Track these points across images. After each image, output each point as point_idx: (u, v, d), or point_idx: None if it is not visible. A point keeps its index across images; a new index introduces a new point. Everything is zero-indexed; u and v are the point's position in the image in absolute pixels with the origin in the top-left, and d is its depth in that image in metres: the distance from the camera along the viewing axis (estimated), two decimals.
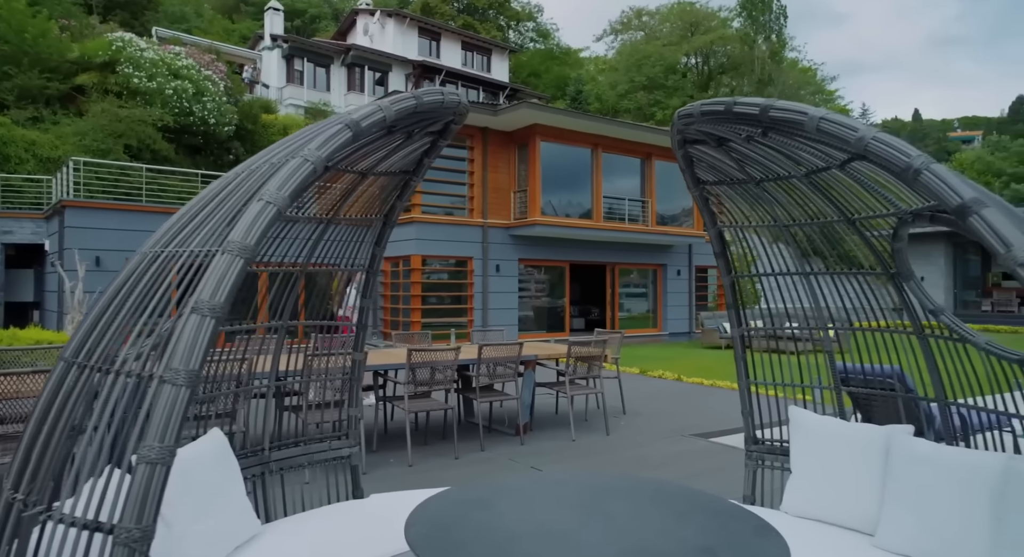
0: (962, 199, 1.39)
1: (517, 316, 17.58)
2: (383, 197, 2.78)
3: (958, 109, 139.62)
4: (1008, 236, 1.33)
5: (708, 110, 1.95)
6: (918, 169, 1.45)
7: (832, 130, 1.60)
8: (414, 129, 2.25)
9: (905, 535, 2.36)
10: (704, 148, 2.35)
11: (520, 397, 6.01)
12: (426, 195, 16.38)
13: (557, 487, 2.37)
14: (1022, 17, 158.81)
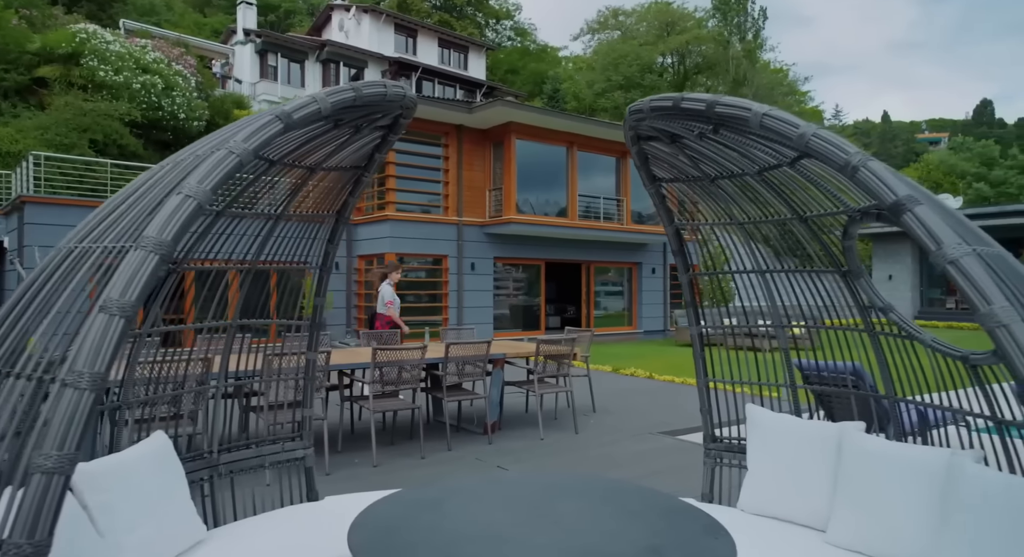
0: (896, 196, 1.38)
1: (492, 314, 17.54)
2: (335, 193, 2.72)
3: (925, 111, 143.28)
4: (939, 233, 1.33)
5: (657, 105, 1.93)
6: (856, 166, 1.44)
7: (775, 126, 1.59)
8: (362, 123, 2.20)
9: (854, 531, 2.38)
10: (658, 145, 2.33)
11: (488, 396, 5.97)
12: (401, 193, 16.27)
13: (510, 488, 2.34)
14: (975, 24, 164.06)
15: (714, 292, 3.14)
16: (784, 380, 2.96)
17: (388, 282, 8.32)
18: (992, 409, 2.06)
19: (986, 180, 36.33)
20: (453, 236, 16.98)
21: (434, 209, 16.97)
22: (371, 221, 16.50)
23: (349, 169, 2.59)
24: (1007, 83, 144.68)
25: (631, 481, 4.61)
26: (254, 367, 3.03)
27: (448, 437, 5.60)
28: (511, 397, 7.58)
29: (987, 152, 38.05)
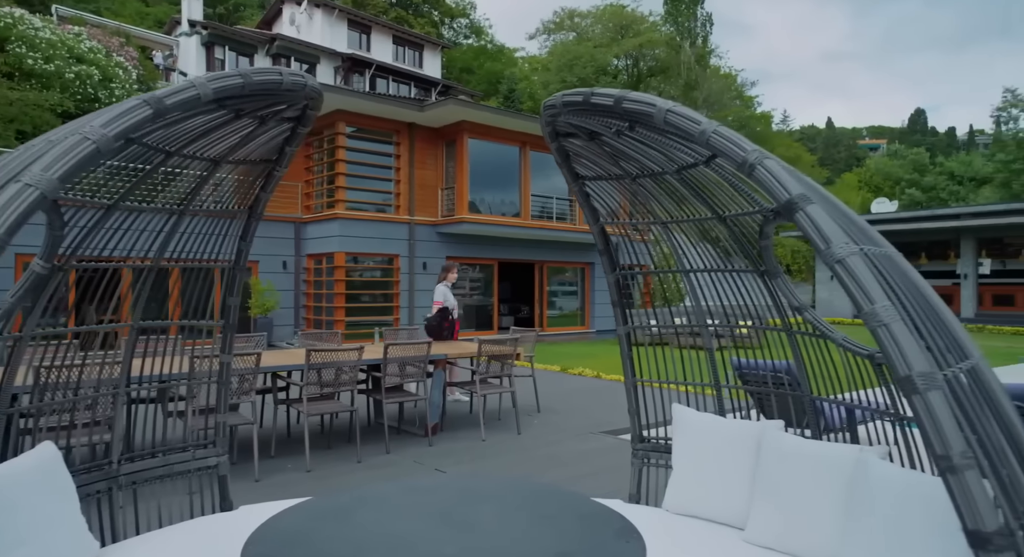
0: (790, 194, 1.37)
1: None
2: (246, 188, 2.59)
3: (865, 118, 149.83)
4: (828, 233, 1.32)
5: (569, 100, 1.90)
6: (753, 164, 1.43)
7: (678, 123, 1.57)
8: (266, 114, 2.09)
9: (770, 528, 2.40)
10: (577, 142, 2.30)
11: (429, 397, 5.88)
12: (351, 191, 15.97)
13: (425, 494, 2.27)
14: (902, 38, 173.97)
15: (664, 291, 3.14)
16: (723, 379, 2.97)
17: (445, 283, 7.95)
18: (894, 405, 2.10)
19: (918, 186, 38.05)
20: (405, 235, 16.78)
21: (385, 208, 16.73)
22: (320, 220, 16.15)
23: (259, 163, 2.47)
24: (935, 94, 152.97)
25: (571, 480, 4.60)
26: (161, 371, 2.86)
27: (387, 440, 5.48)
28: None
29: (919, 159, 39.87)
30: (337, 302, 15.56)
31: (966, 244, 22.91)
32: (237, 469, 4.75)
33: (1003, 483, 1.25)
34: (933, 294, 1.56)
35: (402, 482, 2.45)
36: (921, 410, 1.19)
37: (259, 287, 15.40)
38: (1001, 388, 1.45)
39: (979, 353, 1.48)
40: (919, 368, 1.21)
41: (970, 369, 1.39)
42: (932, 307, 1.48)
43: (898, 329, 1.24)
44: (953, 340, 1.45)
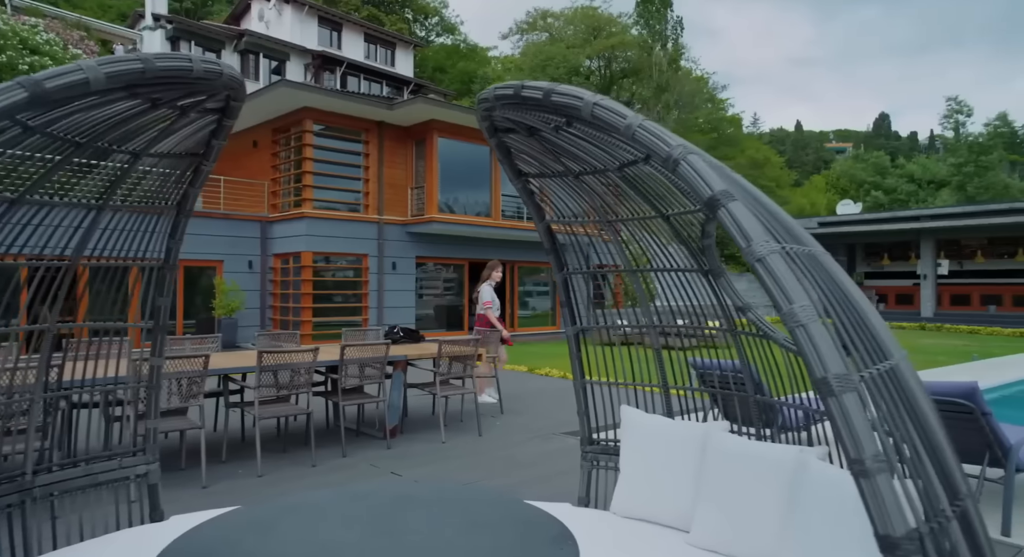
0: (712, 191, 1.33)
1: (414, 315, 17.25)
2: (172, 183, 2.48)
3: (832, 122, 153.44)
4: (749, 231, 1.28)
5: (501, 94, 1.84)
6: (676, 159, 1.38)
7: (604, 116, 1.52)
8: (186, 105, 1.99)
9: (714, 531, 2.37)
10: (517, 138, 2.24)
11: (388, 399, 5.78)
12: (319, 190, 15.72)
13: (358, 501, 2.18)
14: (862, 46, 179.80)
15: (631, 292, 3.10)
16: (680, 380, 2.94)
17: (489, 283, 7.71)
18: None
19: (880, 188, 39.08)
20: (373, 235, 16.58)
21: (354, 207, 16.51)
22: (287, 219, 15.87)
23: (185, 157, 2.35)
24: (897, 99, 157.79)
25: (528, 483, 4.55)
26: (94, 374, 2.72)
27: (343, 443, 5.36)
28: (417, 399, 7.40)
29: (880, 162, 40.97)
30: (304, 302, 15.30)
31: (926, 245, 23.52)
32: (185, 475, 4.60)
33: (917, 485, 1.22)
34: (858, 294, 1.53)
35: (336, 489, 2.36)
36: (836, 413, 1.16)
37: (224, 287, 15.08)
38: (920, 388, 1.43)
39: (901, 353, 1.46)
40: (835, 370, 1.17)
41: (889, 370, 1.37)
42: (855, 307, 1.45)
43: (815, 330, 1.20)
44: (874, 341, 1.42)
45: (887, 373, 1.35)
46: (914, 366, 5.08)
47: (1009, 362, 12.28)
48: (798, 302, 1.22)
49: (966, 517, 1.30)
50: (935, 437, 1.36)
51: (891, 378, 1.37)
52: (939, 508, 1.22)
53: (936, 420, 1.40)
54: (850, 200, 31.61)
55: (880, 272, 26.34)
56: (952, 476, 1.34)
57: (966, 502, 1.32)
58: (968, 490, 1.38)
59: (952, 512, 1.27)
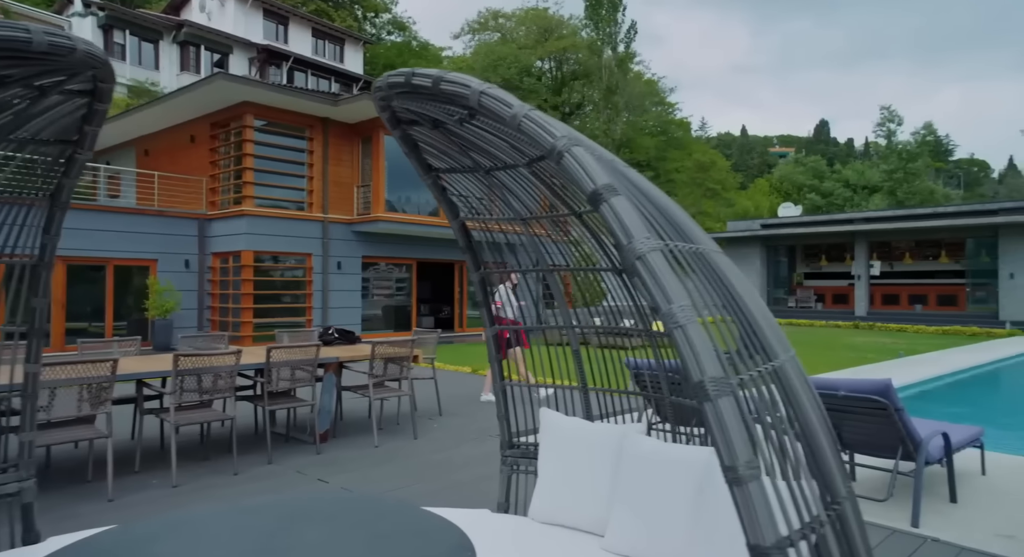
0: (595, 185, 1.27)
1: (361, 315, 16.91)
2: (41, 172, 2.28)
3: (776, 127, 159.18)
4: (631, 227, 1.23)
5: (393, 82, 1.75)
6: (561, 151, 1.32)
7: (491, 105, 1.45)
8: (44, 85, 1.81)
9: (627, 534, 2.33)
10: (422, 130, 2.15)
11: (319, 403, 5.58)
12: (259, 187, 15.22)
13: (249, 516, 2.05)
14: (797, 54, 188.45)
15: (591, 292, 3.03)
16: (621, 382, 2.89)
17: (505, 284, 7.28)
18: None
19: (818, 191, 40.72)
20: (318, 234, 16.17)
21: (298, 205, 16.06)
22: (226, 216, 15.30)
23: (54, 143, 2.16)
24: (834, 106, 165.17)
25: (456, 487, 4.46)
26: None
27: (269, 449, 5.15)
28: (355, 402, 7.21)
29: (818, 167, 42.73)
30: (245, 303, 14.80)
31: (859, 247, 24.54)
32: (91, 488, 4.32)
33: (792, 489, 1.19)
34: (749, 294, 1.50)
35: (229, 503, 2.22)
36: (711, 417, 1.11)
37: (158, 287, 14.43)
38: (806, 389, 1.41)
39: (788, 354, 1.43)
40: (711, 373, 1.13)
41: (773, 371, 1.34)
42: (741, 307, 1.42)
43: (694, 332, 1.16)
44: (760, 341, 1.39)
45: (771, 374, 1.32)
46: (845, 363, 5.28)
47: (931, 358, 12.90)
48: (677, 302, 1.18)
49: (843, 520, 1.28)
50: (816, 439, 1.34)
51: (775, 379, 1.34)
52: (813, 514, 1.19)
53: (820, 421, 1.39)
54: (791, 203, 32.74)
55: (818, 273, 27.35)
56: (831, 478, 1.32)
57: (844, 505, 1.30)
58: (849, 491, 1.36)
59: (828, 516, 1.25)
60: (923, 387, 9.98)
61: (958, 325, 20.47)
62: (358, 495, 3.54)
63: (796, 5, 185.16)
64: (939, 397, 9.84)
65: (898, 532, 3.63)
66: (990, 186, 58.85)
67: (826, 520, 1.23)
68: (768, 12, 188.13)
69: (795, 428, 1.32)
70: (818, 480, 1.31)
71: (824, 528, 1.20)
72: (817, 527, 1.19)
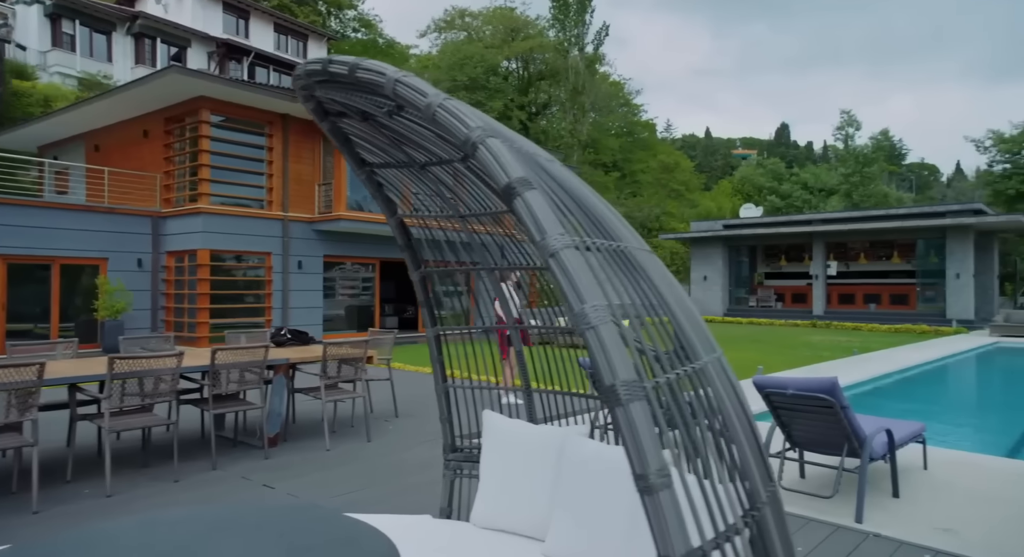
0: (508, 178, 1.21)
1: (322, 315, 16.61)
2: None
3: (739, 130, 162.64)
4: (544, 224, 1.17)
5: (311, 69, 1.66)
6: (475, 143, 1.25)
7: (405, 94, 1.38)
8: None
9: (567, 539, 2.28)
10: (352, 123, 2.06)
11: (269, 405, 5.42)
12: (216, 184, 14.81)
13: (164, 529, 1.93)
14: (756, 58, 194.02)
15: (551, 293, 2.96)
16: (577, 385, 2.84)
17: (505, 283, 6.92)
18: None
19: (777, 193, 41.71)
20: (278, 232, 15.82)
21: (256, 203, 15.68)
22: (182, 214, 14.85)
23: None
24: (794, 110, 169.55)
25: (405, 491, 4.36)
26: None
27: (213, 455, 4.97)
28: (307, 405, 7.04)
29: (777, 169, 43.76)
30: (201, 303, 14.38)
31: (817, 248, 25.15)
32: (16, 500, 4.10)
33: (706, 497, 1.14)
34: (675, 294, 1.46)
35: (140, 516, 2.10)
36: (622, 423, 1.06)
37: (108, 287, 13.91)
38: (731, 391, 1.37)
39: (712, 355, 1.39)
40: (624, 376, 1.07)
41: (694, 372, 1.29)
42: (664, 307, 1.37)
43: (606, 333, 1.10)
44: (683, 342, 1.35)
45: (691, 376, 1.28)
46: (802, 361, 5.31)
47: (883, 356, 13.28)
48: (590, 302, 1.12)
49: (761, 525, 1.25)
50: (737, 442, 1.31)
51: (696, 381, 1.30)
52: (729, 522, 1.15)
53: (743, 423, 1.35)
54: (751, 204, 33.40)
55: (778, 272, 27.94)
56: (752, 482, 1.29)
57: (763, 510, 1.27)
58: (771, 495, 1.33)
59: (746, 522, 1.21)
60: (875, 384, 10.24)
61: (909, 323, 21.15)
62: (284, 504, 3.43)
63: (752, 10, 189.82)
64: (889, 393, 10.11)
65: (842, 528, 3.67)
66: (939, 189, 61.11)
67: (743, 527, 1.19)
68: (727, 16, 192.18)
69: (715, 431, 1.28)
70: (738, 484, 1.27)
71: (740, 535, 1.16)
72: (732, 535, 1.15)
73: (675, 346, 1.34)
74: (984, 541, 3.49)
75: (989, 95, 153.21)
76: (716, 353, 1.45)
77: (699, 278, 27.78)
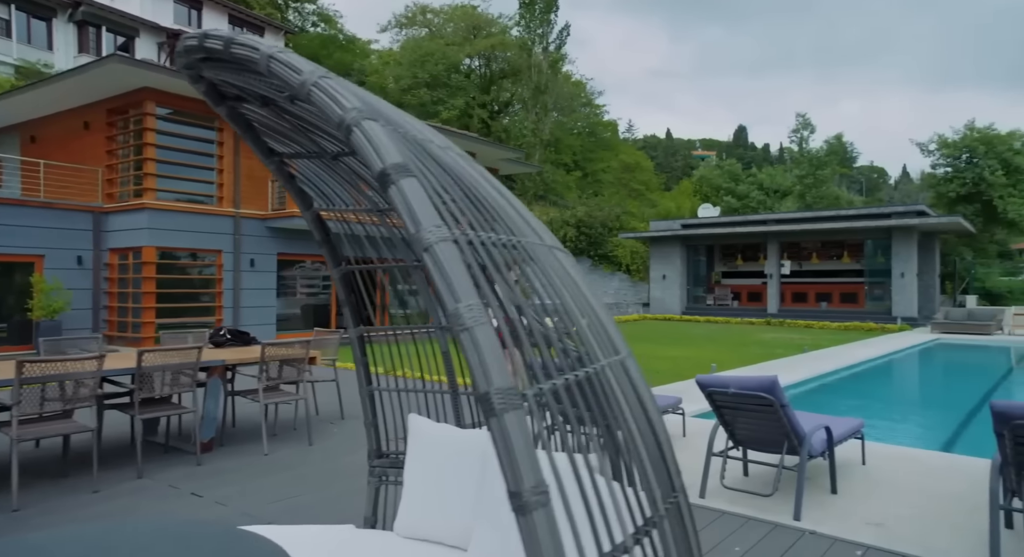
0: (383, 164, 1.09)
1: (275, 315, 16.17)
2: None
3: (699, 131, 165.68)
4: (420, 215, 1.05)
5: (188, 45, 1.52)
6: (349, 125, 1.14)
7: (279, 71, 1.25)
8: None
9: (488, 548, 2.18)
10: (253, 108, 1.92)
11: (202, 409, 5.18)
12: (163, 179, 14.24)
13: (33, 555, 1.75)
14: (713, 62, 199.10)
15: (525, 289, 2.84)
16: None
17: None
18: None
19: (733, 194, 42.62)
20: (228, 229, 15.33)
21: (207, 199, 15.16)
22: (126, 210, 14.25)
23: None
24: (752, 112, 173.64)
25: (341, 497, 4.20)
26: None
27: (139, 462, 4.71)
28: (250, 408, 6.79)
29: (734, 170, 44.73)
30: (146, 302, 13.83)
31: (772, 247, 25.71)
32: None
33: (591, 515, 1.05)
34: (571, 291, 1.37)
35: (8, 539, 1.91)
36: (496, 435, 0.96)
37: (44, 286, 13.25)
38: (631, 395, 1.29)
39: (613, 358, 1.31)
40: (499, 383, 0.97)
41: (587, 376, 1.20)
42: (565, 306, 1.28)
43: (482, 335, 1.00)
44: (584, 344, 1.26)
45: (586, 381, 1.19)
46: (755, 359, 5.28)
47: (832, 353, 13.62)
48: (465, 301, 1.01)
49: (657, 541, 1.16)
50: (636, 452, 1.22)
51: (592, 385, 1.21)
52: (617, 541, 1.06)
53: (646, 431, 1.27)
54: (709, 204, 33.97)
55: (735, 271, 28.48)
56: (650, 493, 1.21)
57: (662, 524, 1.19)
58: (674, 508, 1.25)
59: (637, 539, 1.13)
60: (823, 381, 10.47)
61: (857, 321, 21.80)
62: (176, 521, 3.25)
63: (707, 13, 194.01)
64: (836, 390, 10.35)
65: (780, 526, 3.67)
66: (887, 192, 63.39)
67: (632, 545, 1.10)
68: (682, 19, 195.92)
69: (606, 441, 1.20)
70: (632, 496, 1.19)
71: (629, 554, 1.08)
72: (619, 555, 1.06)
73: (569, 349, 1.25)
74: (912, 535, 3.53)
75: (937, 99, 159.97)
76: (620, 355, 1.36)
77: (658, 277, 28.10)
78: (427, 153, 1.28)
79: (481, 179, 1.40)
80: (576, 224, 33.28)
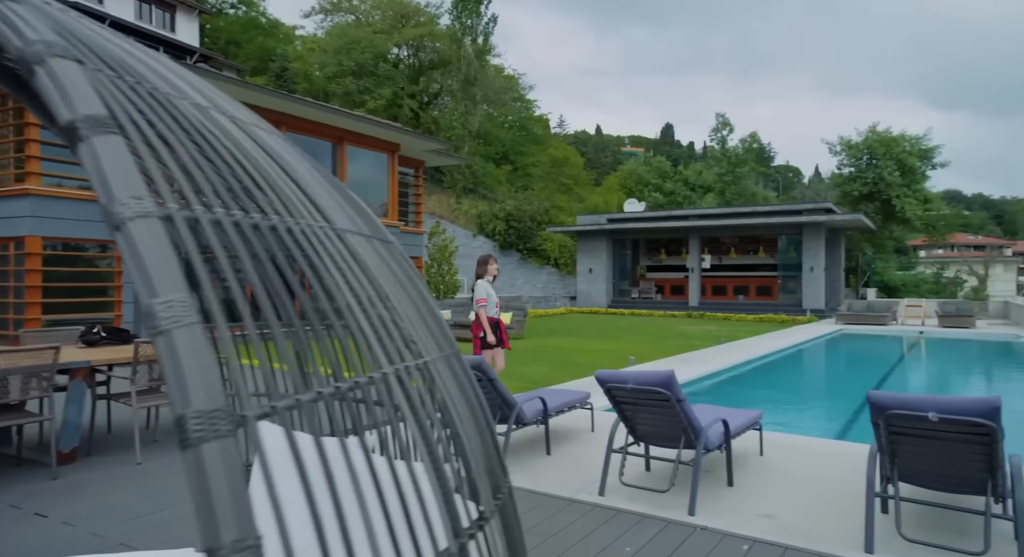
0: (72, 116, 0.82)
1: None
2: None
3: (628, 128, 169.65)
4: (113, 182, 0.80)
5: None
6: (31, 63, 0.85)
7: None
8: None
9: None
10: None
11: (62, 416, 4.64)
12: (49, 163, 13.02)
13: None
14: (640, 59, 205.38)
15: (445, 285, 2.54)
16: None
17: (486, 279, 6.62)
18: None
19: (660, 190, 43.85)
20: None
21: None
22: (4, 196, 12.95)
23: None
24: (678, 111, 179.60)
25: None
26: None
27: None
28: (126, 412, 6.21)
29: (662, 167, 46.02)
30: (30, 297, 12.64)
31: (693, 242, 26.50)
32: None
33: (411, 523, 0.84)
34: (387, 282, 1.15)
35: None
36: (190, 473, 0.71)
37: None
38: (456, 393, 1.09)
39: (425, 359, 1.10)
40: (200, 405, 0.72)
41: (373, 382, 0.98)
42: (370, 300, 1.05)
43: (183, 340, 0.75)
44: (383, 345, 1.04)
45: (376, 387, 0.98)
46: (675, 350, 5.11)
47: (746, 344, 14.09)
48: (164, 297, 0.76)
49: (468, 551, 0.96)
50: (439, 470, 1.02)
51: (381, 393, 1.00)
52: None
53: (471, 432, 1.08)
54: (635, 199, 34.69)
55: (659, 265, 29.19)
56: (455, 520, 1.01)
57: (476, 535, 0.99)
58: (494, 510, 1.06)
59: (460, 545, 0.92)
60: (735, 371, 10.77)
61: (771, 313, 22.78)
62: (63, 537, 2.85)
63: (628, 13, 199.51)
64: (748, 381, 10.67)
65: (673, 523, 3.61)
66: (800, 190, 66.94)
67: None
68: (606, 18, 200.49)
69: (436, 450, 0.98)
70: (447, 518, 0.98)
71: None
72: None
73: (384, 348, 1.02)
74: (799, 525, 3.55)
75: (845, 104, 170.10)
76: (441, 353, 1.16)
77: (585, 271, 28.43)
78: (176, 115, 1.01)
79: (286, 157, 1.14)
80: (505, 218, 33.24)
